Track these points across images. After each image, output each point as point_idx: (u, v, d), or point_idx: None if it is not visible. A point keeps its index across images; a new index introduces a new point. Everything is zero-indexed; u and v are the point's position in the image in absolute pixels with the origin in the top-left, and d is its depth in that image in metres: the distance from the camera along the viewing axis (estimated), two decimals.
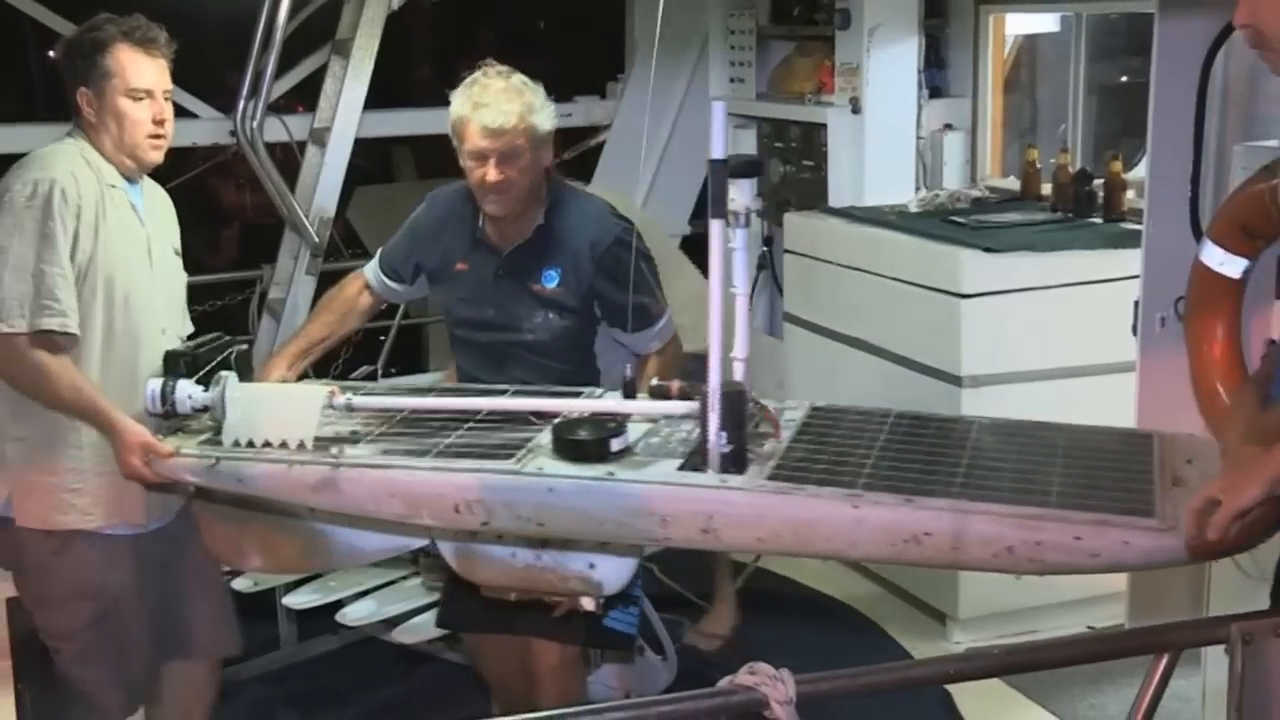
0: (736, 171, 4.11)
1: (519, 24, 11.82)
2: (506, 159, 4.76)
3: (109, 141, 4.59)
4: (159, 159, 4.70)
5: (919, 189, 7.95)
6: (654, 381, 4.50)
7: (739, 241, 4.12)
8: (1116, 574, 4.08)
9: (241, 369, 4.71)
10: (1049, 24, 8.15)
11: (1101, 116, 7.83)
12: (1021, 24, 8.21)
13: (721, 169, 3.99)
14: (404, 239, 5.23)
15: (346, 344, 7.95)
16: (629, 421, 4.30)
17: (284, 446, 4.32)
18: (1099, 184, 7.16)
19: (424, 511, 4.15)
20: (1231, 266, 4.82)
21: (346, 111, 7.94)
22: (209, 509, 4.74)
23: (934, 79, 8.10)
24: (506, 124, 4.73)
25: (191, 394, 4.51)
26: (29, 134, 8.35)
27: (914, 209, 7.60)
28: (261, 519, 4.66)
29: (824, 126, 8.08)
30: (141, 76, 4.57)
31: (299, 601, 6.48)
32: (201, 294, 8.52)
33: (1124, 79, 7.66)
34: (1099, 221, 7.06)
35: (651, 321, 5.03)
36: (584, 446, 4.11)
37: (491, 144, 4.73)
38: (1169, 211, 5.22)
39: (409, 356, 9.41)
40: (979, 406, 6.25)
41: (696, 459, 4.04)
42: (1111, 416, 4.82)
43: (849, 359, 7.16)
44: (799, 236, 7.84)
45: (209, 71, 8.40)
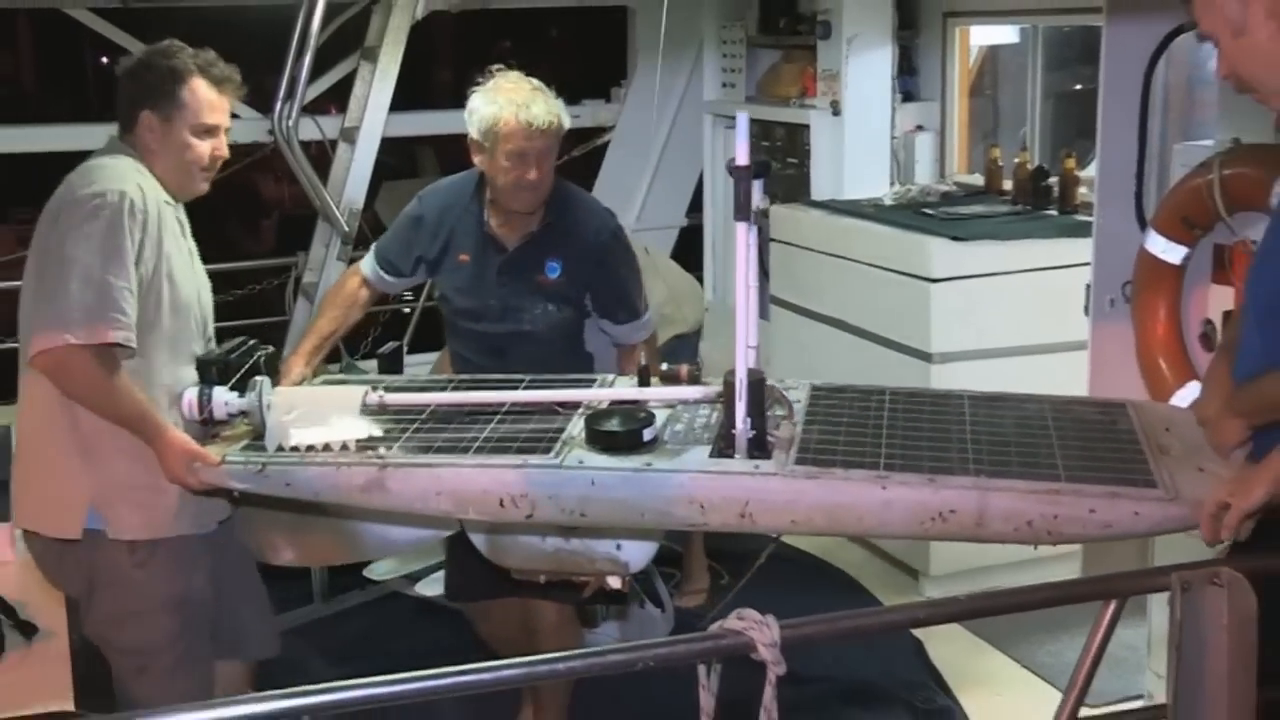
0: (738, 170, 3.90)
1: (532, 33, 11.81)
2: (544, 157, 4.69)
3: (162, 166, 4.24)
4: (205, 190, 4.39)
5: (893, 184, 7.97)
6: (664, 367, 4.41)
7: (741, 234, 3.89)
8: None
9: (270, 371, 4.42)
10: (1009, 36, 8.19)
11: (1056, 119, 7.85)
12: (984, 36, 8.25)
13: (745, 173, 3.78)
14: (402, 235, 5.04)
15: (374, 322, 7.99)
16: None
17: (327, 449, 4.07)
18: (1054, 180, 7.19)
19: (470, 508, 3.95)
20: (1173, 253, 4.87)
21: (374, 112, 8.00)
22: (242, 506, 4.48)
23: (906, 84, 8.11)
24: (550, 124, 4.66)
25: (228, 400, 4.23)
26: (84, 134, 8.49)
27: (888, 202, 7.62)
28: (292, 513, 4.47)
29: (807, 127, 8.08)
30: (212, 113, 4.27)
31: None
32: (243, 278, 8.57)
33: (1077, 86, 7.68)
34: (1055, 213, 7.09)
35: (639, 314, 5.02)
36: (618, 437, 3.94)
37: (534, 144, 4.64)
38: (1117, 204, 5.25)
39: (431, 333, 9.43)
40: (947, 381, 6.35)
41: (723, 445, 3.89)
42: (1066, 389, 4.85)
43: (829, 338, 7.18)
44: (784, 227, 7.83)
45: (249, 75, 8.36)
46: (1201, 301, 4.91)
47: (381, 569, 6.63)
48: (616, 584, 4.34)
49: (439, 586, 6.31)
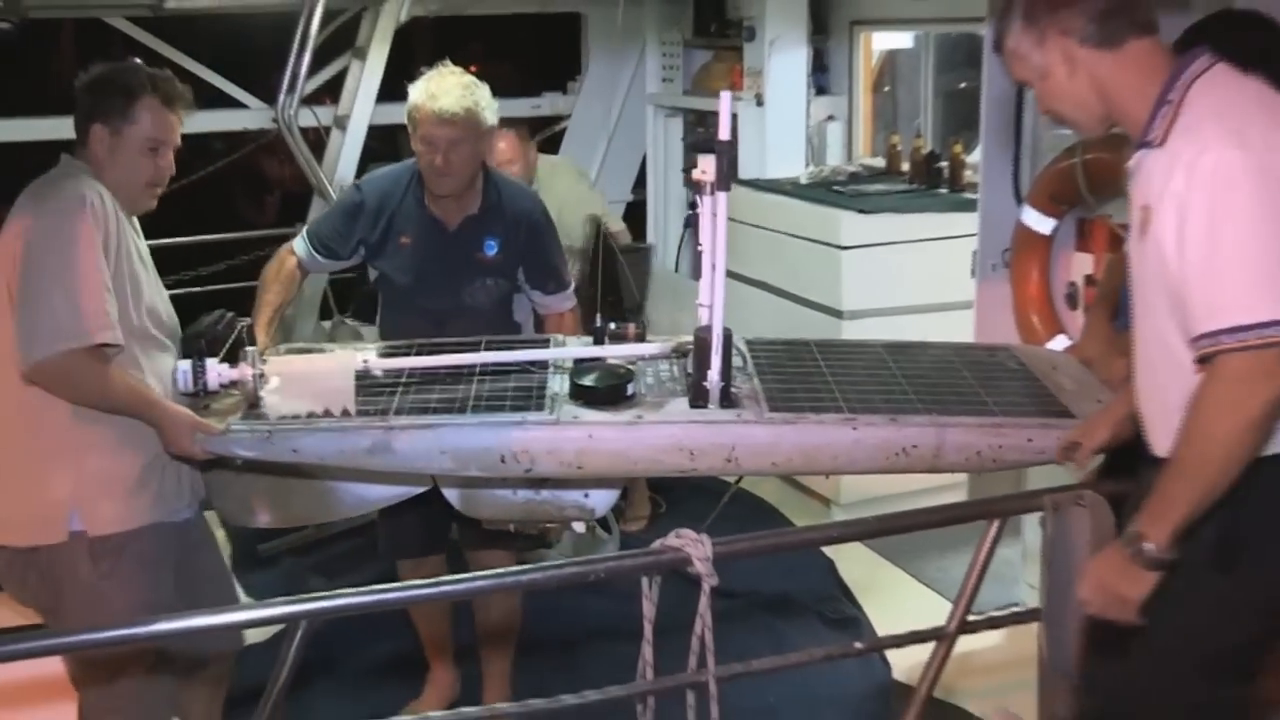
0: (702, 147, 3.87)
1: (500, 35, 11.74)
2: (454, 145, 4.45)
3: (111, 179, 3.81)
4: (153, 206, 3.98)
5: (808, 165, 7.95)
6: (612, 326, 4.24)
7: (706, 207, 3.85)
8: None
9: (250, 343, 4.03)
10: (905, 41, 8.19)
11: (946, 112, 7.88)
12: (885, 41, 8.24)
13: (728, 148, 3.70)
14: (341, 219, 4.72)
15: (358, 290, 7.97)
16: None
17: (328, 415, 3.76)
18: (945, 163, 7.24)
19: (473, 464, 3.70)
20: (1043, 225, 4.96)
21: (362, 103, 7.97)
22: (218, 472, 4.04)
23: (819, 81, 8.10)
24: (458, 116, 4.43)
25: (220, 371, 3.86)
26: None
27: (804, 180, 7.62)
28: (268, 476, 4.04)
29: (735, 116, 7.98)
30: (162, 130, 3.86)
31: None
32: (250, 246, 8.51)
33: (962, 84, 7.70)
34: (945, 191, 7.12)
35: (566, 285, 4.89)
36: (606, 392, 3.77)
37: (442, 131, 4.43)
38: (997, 184, 5.30)
39: None
40: (856, 334, 6.42)
41: (696, 397, 3.75)
42: (957, 340, 4.94)
43: (756, 298, 7.18)
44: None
45: (257, 72, 8.38)
46: (1067, 266, 4.99)
47: None
48: (580, 529, 4.19)
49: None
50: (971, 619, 3.70)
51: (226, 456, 3.80)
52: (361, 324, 7.90)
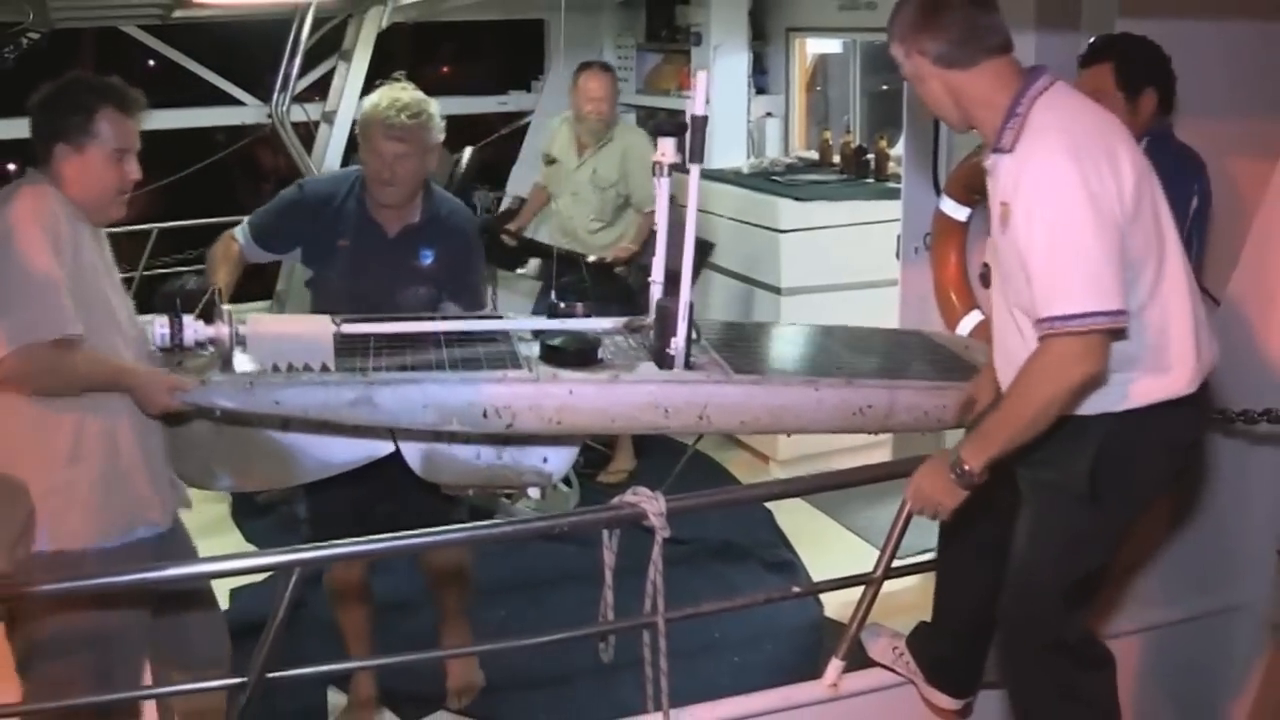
0: (664, 129, 3.76)
1: (469, 38, 11.72)
2: (401, 159, 4.19)
3: (80, 194, 3.43)
4: (122, 214, 3.60)
5: (749, 157, 7.94)
6: (561, 305, 4.02)
7: (661, 187, 3.77)
8: None
9: (223, 303, 3.65)
10: (836, 47, 8.17)
11: (872, 110, 7.88)
12: (817, 46, 8.21)
13: (702, 123, 3.59)
14: (278, 214, 4.39)
15: None
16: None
17: (308, 370, 3.50)
18: (871, 156, 7.21)
19: (454, 419, 3.46)
20: (960, 213, 4.95)
21: (348, 100, 7.97)
22: (179, 435, 3.66)
23: (759, 81, 8.10)
24: (406, 129, 4.19)
25: (197, 328, 3.50)
26: None
27: (746, 171, 7.59)
28: (230, 440, 3.70)
29: (683, 112, 7.97)
30: (125, 138, 3.46)
31: None
32: None
33: (885, 86, 7.72)
34: (872, 181, 7.11)
35: (480, 305, 4.59)
36: (577, 354, 3.60)
37: (390, 145, 4.18)
38: (918, 175, 5.29)
39: None
40: (795, 309, 6.49)
41: (661, 362, 3.61)
42: (884, 315, 4.97)
43: (703, 276, 7.10)
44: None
45: (255, 73, 8.38)
46: (980, 250, 4.98)
47: None
48: (536, 494, 4.02)
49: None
50: (895, 565, 3.71)
51: (206, 408, 3.47)
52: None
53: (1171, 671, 4.10)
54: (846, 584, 3.80)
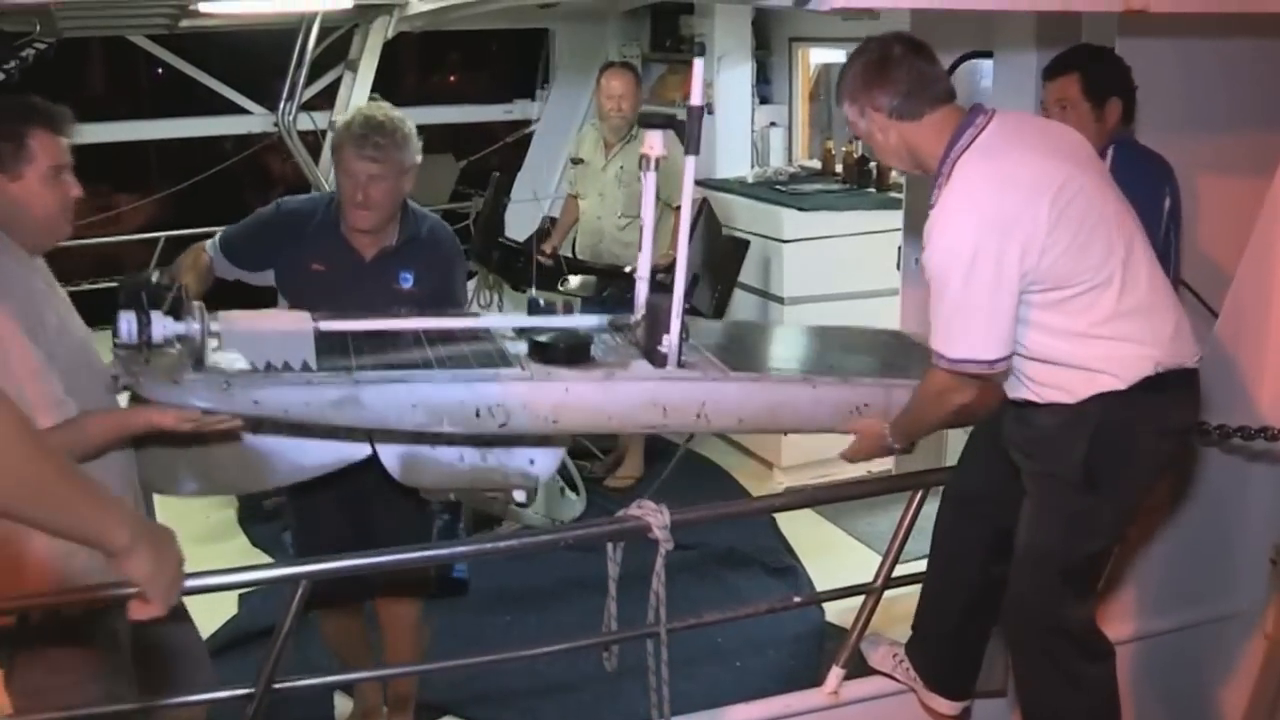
0: (652, 122, 3.67)
1: (476, 47, 11.75)
2: (375, 180, 3.95)
3: (23, 222, 3.17)
4: (69, 232, 3.34)
5: (753, 166, 8.00)
6: (541, 303, 4.00)
7: (648, 182, 3.63)
8: None
9: (190, 299, 3.40)
10: (839, 56, 8.16)
11: None
12: (820, 56, 8.26)
13: (698, 113, 3.50)
14: (254, 234, 4.16)
15: None
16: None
17: (288, 369, 3.30)
18: (873, 165, 7.23)
19: (445, 419, 3.29)
20: None
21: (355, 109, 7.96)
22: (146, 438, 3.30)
23: (763, 91, 8.16)
24: (379, 152, 3.95)
25: (166, 324, 3.25)
26: (142, 128, 8.53)
27: (750, 180, 7.64)
28: (199, 443, 3.42)
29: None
30: (59, 155, 3.21)
31: None
32: None
33: None
34: (874, 191, 7.14)
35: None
36: (569, 352, 3.48)
37: (364, 166, 3.94)
38: (920, 185, 5.29)
39: None
40: (797, 318, 6.48)
41: (653, 360, 3.52)
42: (884, 324, 4.98)
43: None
44: None
45: (262, 82, 8.42)
46: None
47: None
48: (521, 496, 3.74)
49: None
50: (895, 575, 3.76)
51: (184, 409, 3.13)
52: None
53: (1167, 679, 4.14)
54: (847, 594, 3.85)
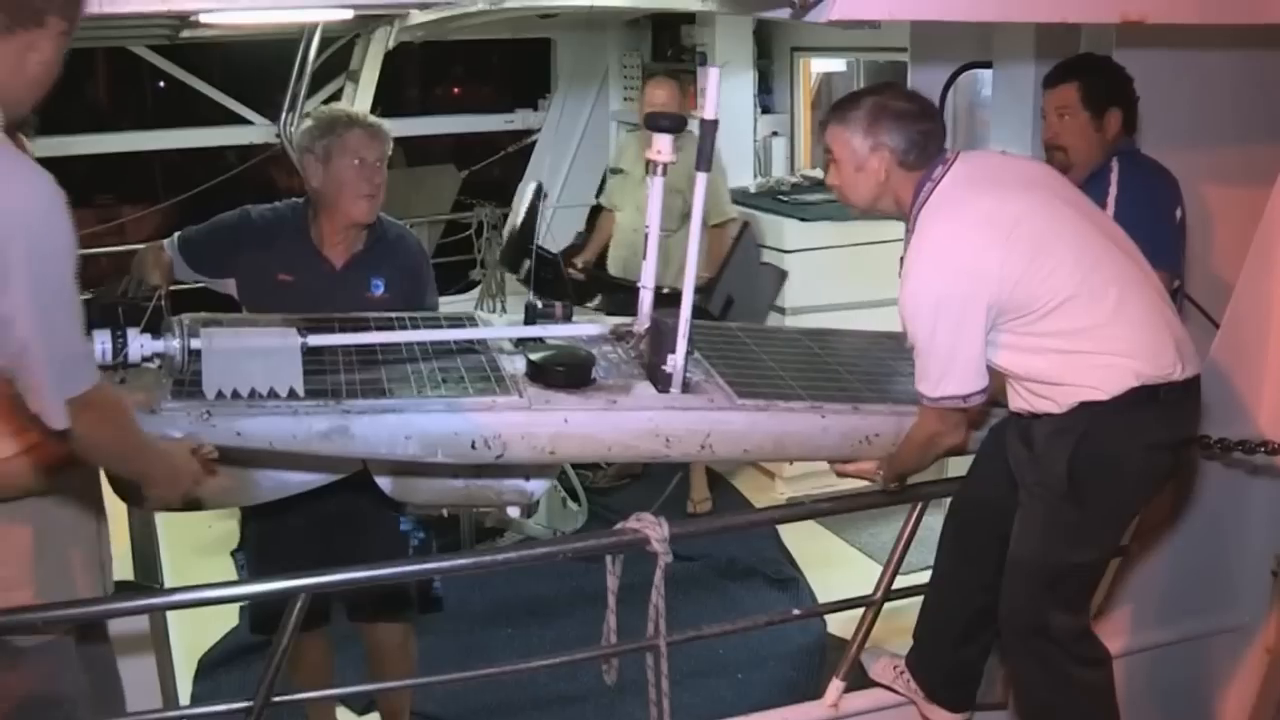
0: (657, 125, 3.58)
1: (478, 57, 11.76)
2: (378, 167, 3.90)
3: None
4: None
5: (755, 176, 7.99)
6: (539, 305, 3.76)
7: (655, 188, 3.59)
8: None
9: (171, 312, 3.34)
10: (839, 66, 8.25)
11: None
12: (821, 65, 8.30)
13: (711, 128, 3.42)
14: (215, 239, 3.97)
15: None
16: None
17: (274, 396, 3.08)
18: None
19: (440, 450, 3.16)
20: None
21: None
22: None
23: (765, 100, 8.16)
24: (382, 131, 3.93)
25: (143, 343, 3.10)
26: (145, 139, 8.54)
27: (752, 190, 7.63)
28: None
29: (690, 131, 8.00)
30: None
31: None
32: None
33: None
34: None
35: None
36: (569, 374, 3.36)
37: (375, 148, 3.89)
38: None
39: None
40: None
41: (657, 381, 3.41)
42: None
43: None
44: None
45: (263, 93, 8.44)
46: None
47: None
48: (516, 513, 3.66)
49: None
50: (896, 587, 3.77)
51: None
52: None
53: (1169, 692, 4.14)
54: (847, 606, 3.85)
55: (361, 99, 8.03)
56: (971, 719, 3.83)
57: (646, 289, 3.66)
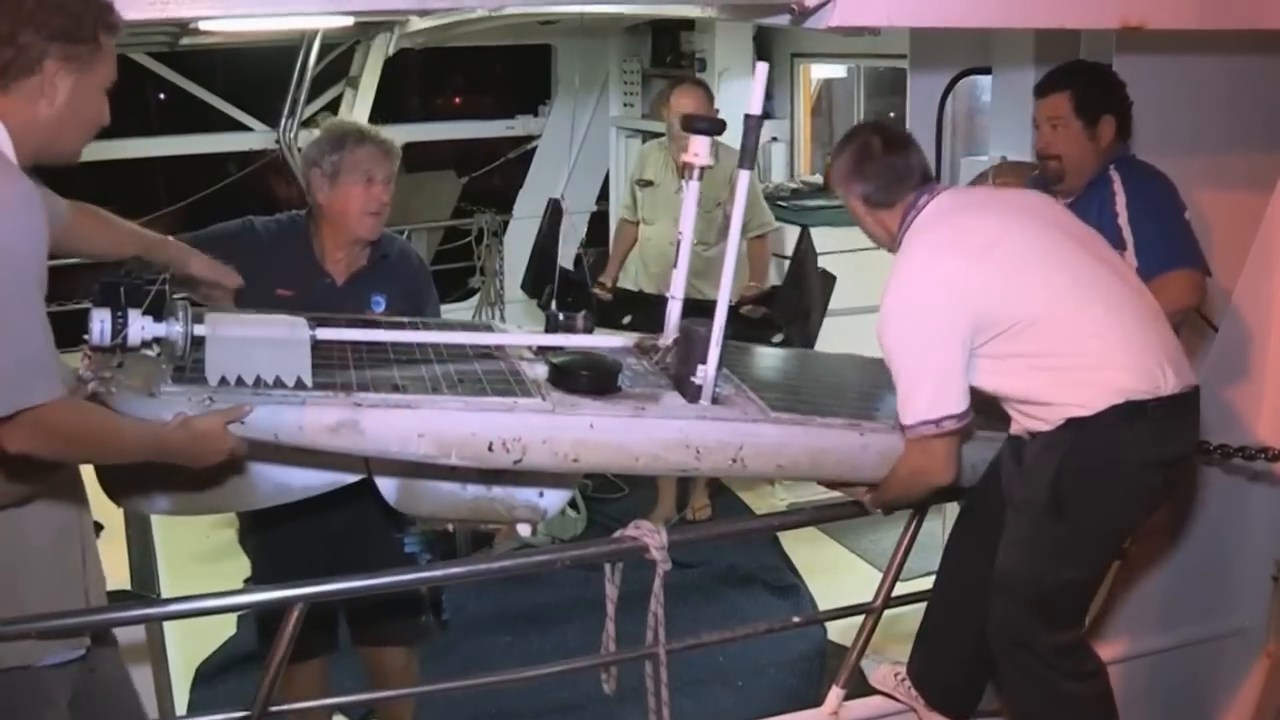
0: (696, 127, 3.44)
1: (479, 64, 11.77)
2: (387, 183, 3.81)
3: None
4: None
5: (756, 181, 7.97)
6: (561, 317, 3.56)
7: (690, 192, 3.43)
8: None
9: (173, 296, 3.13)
10: (840, 72, 8.26)
11: None
12: (822, 71, 8.29)
13: (756, 123, 3.30)
14: (219, 250, 3.63)
15: None
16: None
17: (280, 385, 2.93)
18: None
19: (454, 451, 2.97)
20: None
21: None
22: None
23: (765, 106, 8.08)
24: (393, 149, 3.83)
25: (144, 325, 2.93)
26: (146, 145, 8.50)
27: None
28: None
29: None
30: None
31: None
32: None
33: (890, 113, 7.75)
34: None
35: None
36: (595, 381, 3.21)
37: (385, 164, 3.80)
38: None
39: None
40: None
41: (685, 392, 3.26)
42: None
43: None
44: None
45: (261, 100, 8.44)
46: None
47: None
48: (526, 531, 3.46)
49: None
50: (895, 594, 3.76)
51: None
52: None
53: (1169, 697, 4.14)
54: (847, 613, 3.84)
55: (361, 105, 8.05)
56: None
57: (675, 299, 3.51)
